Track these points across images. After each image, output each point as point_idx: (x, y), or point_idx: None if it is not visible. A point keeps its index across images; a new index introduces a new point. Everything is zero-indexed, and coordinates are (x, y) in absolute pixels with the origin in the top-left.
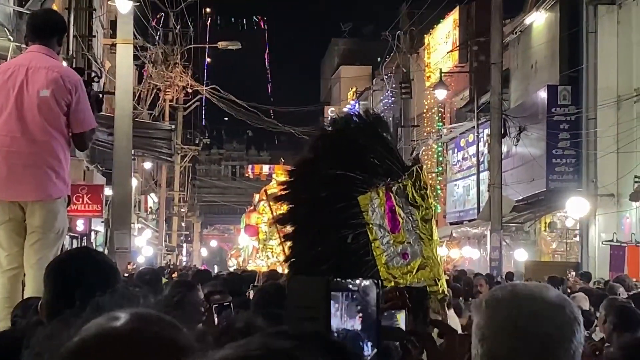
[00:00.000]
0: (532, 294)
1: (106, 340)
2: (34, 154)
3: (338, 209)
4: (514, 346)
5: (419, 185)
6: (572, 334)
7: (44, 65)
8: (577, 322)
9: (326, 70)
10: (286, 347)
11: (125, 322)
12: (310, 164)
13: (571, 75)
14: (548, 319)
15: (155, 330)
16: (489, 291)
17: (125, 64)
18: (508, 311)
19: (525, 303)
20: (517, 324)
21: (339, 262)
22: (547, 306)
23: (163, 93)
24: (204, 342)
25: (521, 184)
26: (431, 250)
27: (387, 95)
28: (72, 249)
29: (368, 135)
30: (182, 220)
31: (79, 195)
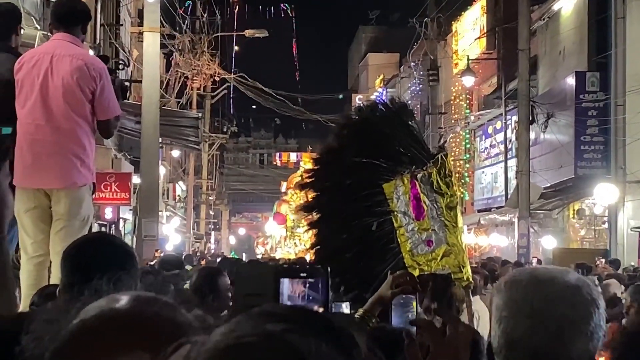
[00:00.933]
0: (551, 276)
1: (106, 321)
2: (59, 142)
3: (363, 196)
4: (530, 327)
5: (443, 172)
6: (589, 316)
7: (69, 53)
8: (595, 305)
9: (354, 58)
10: (278, 330)
11: (124, 303)
12: (336, 152)
13: (599, 62)
14: (564, 300)
15: (153, 311)
16: (509, 273)
17: (152, 52)
18: (525, 293)
19: (543, 285)
20: (534, 305)
21: (364, 250)
22: (563, 288)
23: (190, 81)
24: (204, 322)
25: (549, 171)
26: (455, 237)
27: (414, 83)
28: (89, 234)
29: (393, 124)
30: (210, 208)
31: (107, 184)
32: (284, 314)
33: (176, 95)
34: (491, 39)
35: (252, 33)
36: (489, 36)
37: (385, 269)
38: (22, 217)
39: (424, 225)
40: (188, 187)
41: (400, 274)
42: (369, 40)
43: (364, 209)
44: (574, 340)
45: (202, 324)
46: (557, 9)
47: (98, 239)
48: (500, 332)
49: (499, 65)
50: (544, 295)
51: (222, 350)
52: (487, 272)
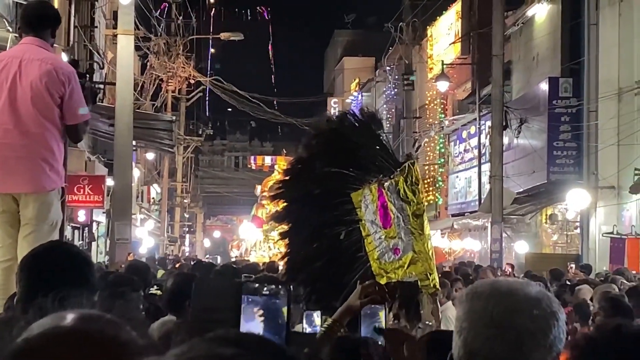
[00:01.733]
0: (512, 288)
1: (49, 340)
2: (27, 146)
3: (331, 205)
4: (489, 338)
5: (410, 180)
6: (549, 328)
7: (37, 57)
8: (555, 317)
9: (329, 62)
10: (229, 354)
11: (68, 321)
12: (305, 162)
13: (572, 68)
14: (524, 313)
15: (97, 329)
16: (471, 285)
17: (126, 54)
18: (486, 304)
19: (503, 297)
20: (494, 316)
21: (333, 259)
22: (524, 300)
23: (165, 84)
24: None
25: (522, 176)
26: (422, 245)
27: (389, 87)
28: (46, 243)
29: (362, 133)
30: (185, 211)
31: (80, 186)
32: (237, 340)
33: (151, 97)
34: (466, 44)
35: (227, 36)
36: (464, 41)
37: (354, 278)
38: None
39: (391, 234)
40: (162, 189)
41: (369, 283)
42: (344, 44)
43: (333, 218)
44: (533, 352)
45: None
46: (531, 15)
47: (54, 248)
48: (460, 343)
49: (473, 70)
50: (504, 307)
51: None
52: (461, 277)
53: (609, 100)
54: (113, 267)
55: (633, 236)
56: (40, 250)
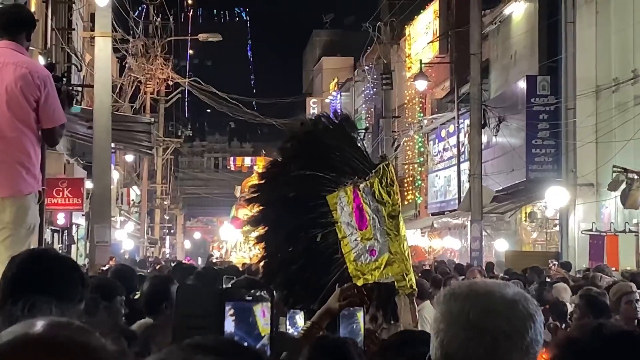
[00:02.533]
0: (489, 290)
1: (18, 347)
2: (3, 150)
3: (307, 208)
4: (466, 339)
5: (385, 182)
6: (525, 330)
7: (12, 61)
8: (532, 319)
9: (308, 62)
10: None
11: (37, 328)
12: (280, 165)
13: (550, 66)
14: (500, 314)
15: (67, 335)
16: (449, 286)
17: (103, 56)
18: (463, 305)
19: (480, 298)
20: (470, 318)
21: (310, 261)
22: (500, 302)
23: (144, 85)
24: (119, 345)
25: (501, 174)
26: (398, 245)
27: (368, 87)
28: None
29: (336, 135)
30: (165, 212)
31: (59, 189)
32: (214, 346)
33: (130, 99)
34: (444, 43)
35: (205, 37)
36: (442, 40)
37: (331, 280)
38: None
39: (367, 235)
40: (142, 191)
41: (348, 286)
42: (323, 44)
43: (309, 220)
44: (510, 354)
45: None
46: (508, 14)
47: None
48: (437, 344)
49: (451, 69)
50: (480, 308)
51: None
52: (440, 276)
53: (587, 97)
54: (93, 270)
55: (612, 233)
56: (20, 257)
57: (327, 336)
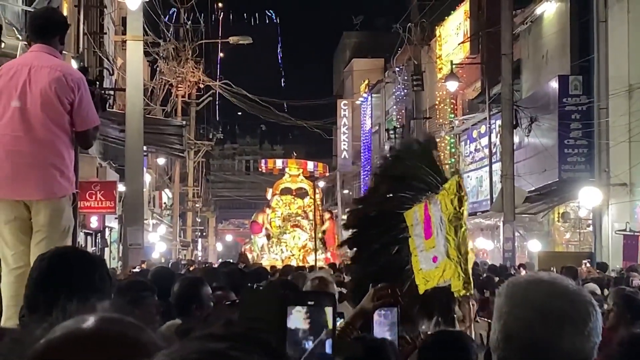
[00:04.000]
0: (552, 278)
1: (70, 341)
2: (38, 153)
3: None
4: (529, 320)
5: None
6: (588, 316)
7: (47, 64)
8: (594, 307)
9: (338, 64)
10: (221, 348)
11: (90, 323)
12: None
13: (582, 65)
14: (564, 297)
15: (118, 331)
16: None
17: (135, 60)
18: (526, 289)
19: (544, 283)
20: (534, 301)
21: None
22: (564, 286)
23: (175, 89)
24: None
25: (533, 175)
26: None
27: (399, 88)
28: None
29: (417, 156)
30: (197, 215)
31: (92, 192)
32: (228, 335)
33: (161, 102)
34: (475, 43)
35: (236, 40)
36: (473, 41)
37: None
38: (2, 229)
39: (431, 244)
40: (174, 194)
41: (382, 286)
42: (353, 46)
43: (390, 238)
44: (572, 337)
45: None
46: (539, 13)
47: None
48: (499, 327)
49: (482, 69)
50: (545, 292)
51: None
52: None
53: (620, 97)
54: (124, 272)
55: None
56: (50, 255)
57: (365, 336)
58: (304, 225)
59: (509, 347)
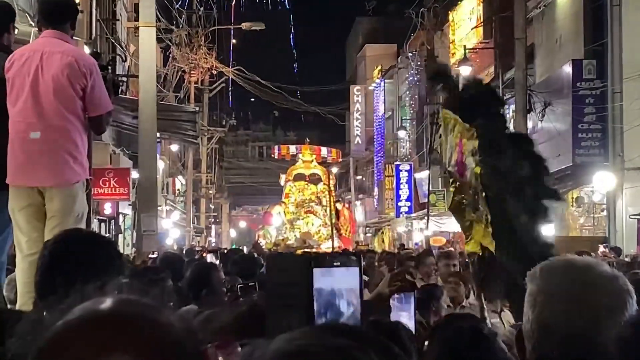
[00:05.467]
0: (588, 264)
1: (88, 322)
2: (51, 139)
3: None
4: (565, 312)
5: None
6: (625, 305)
7: (58, 49)
8: (630, 295)
9: (351, 49)
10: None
11: (107, 305)
12: None
13: (596, 49)
14: (601, 288)
15: (136, 312)
16: (544, 261)
17: (148, 47)
18: (562, 279)
19: (579, 272)
20: (570, 291)
21: None
22: (601, 276)
23: (188, 75)
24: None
25: (547, 159)
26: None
27: (412, 73)
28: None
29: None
30: (210, 201)
31: (105, 179)
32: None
33: (174, 89)
34: (488, 28)
35: (249, 26)
36: (486, 25)
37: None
38: (16, 215)
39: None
40: (187, 181)
41: (398, 272)
42: (366, 32)
43: None
44: (610, 328)
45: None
46: None
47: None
48: (533, 317)
49: (496, 54)
50: (581, 282)
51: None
52: None
53: (634, 81)
54: (140, 258)
55: None
56: (56, 239)
57: (379, 320)
58: (317, 212)
59: (545, 337)
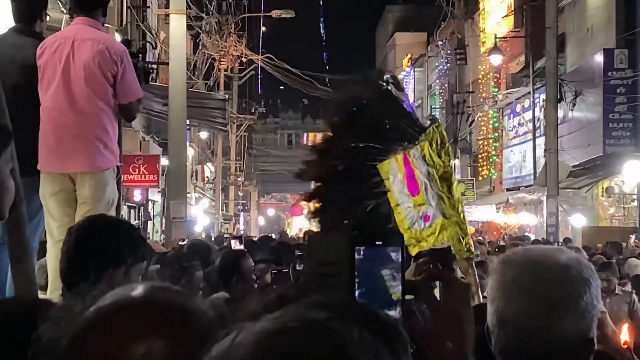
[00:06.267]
0: (542, 255)
1: (120, 309)
2: (82, 126)
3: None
4: (520, 305)
5: (436, 144)
6: (580, 295)
7: (90, 37)
8: (587, 284)
9: (381, 38)
10: (321, 317)
11: (139, 291)
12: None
13: (628, 39)
14: (553, 280)
15: (167, 299)
16: (504, 254)
17: (178, 34)
18: (516, 272)
19: (533, 264)
20: (524, 284)
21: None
22: (553, 267)
23: (218, 63)
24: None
25: (578, 149)
26: (452, 208)
27: (442, 62)
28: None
29: (384, 101)
30: (239, 189)
31: (135, 166)
32: (329, 304)
33: (203, 77)
34: (519, 17)
35: (278, 13)
36: (517, 14)
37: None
38: (48, 201)
39: (420, 201)
40: (216, 168)
41: (423, 261)
42: (396, 20)
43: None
44: (564, 319)
45: (217, 312)
46: None
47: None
48: (493, 311)
49: (526, 43)
50: (534, 275)
51: (266, 334)
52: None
53: None
54: (170, 245)
55: None
56: (80, 226)
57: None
58: None
59: (503, 332)
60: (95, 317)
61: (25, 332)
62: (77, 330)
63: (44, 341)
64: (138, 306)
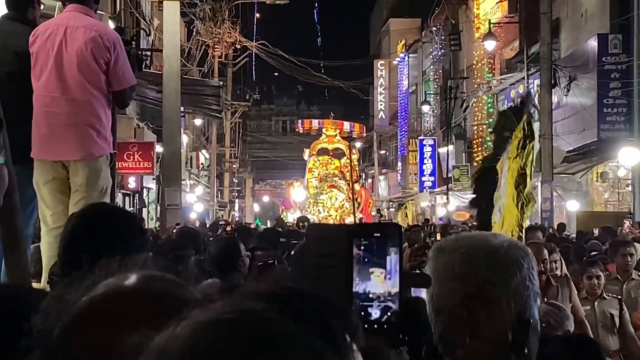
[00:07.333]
0: (472, 240)
1: (112, 298)
2: (75, 113)
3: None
4: (452, 289)
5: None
6: (509, 276)
7: (82, 24)
8: (517, 264)
9: (375, 24)
10: (257, 309)
11: (132, 281)
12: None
13: (622, 24)
14: (482, 261)
15: (160, 288)
16: (437, 242)
17: (172, 21)
18: (448, 258)
19: (463, 249)
20: (455, 269)
21: None
22: (482, 250)
23: (212, 49)
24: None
25: (572, 134)
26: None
27: (436, 48)
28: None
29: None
30: (234, 176)
31: (129, 153)
32: (267, 294)
33: (198, 63)
34: (513, 2)
35: (272, 0)
36: (511, 0)
37: None
38: (41, 189)
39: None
40: (211, 155)
41: (419, 246)
42: (390, 6)
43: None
44: (495, 298)
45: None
46: None
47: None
48: (429, 299)
49: (520, 28)
50: (463, 259)
51: (200, 325)
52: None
53: None
54: (165, 232)
55: None
56: (78, 214)
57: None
58: (341, 186)
59: (439, 320)
60: (87, 307)
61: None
62: (69, 321)
63: (36, 331)
64: (131, 296)
